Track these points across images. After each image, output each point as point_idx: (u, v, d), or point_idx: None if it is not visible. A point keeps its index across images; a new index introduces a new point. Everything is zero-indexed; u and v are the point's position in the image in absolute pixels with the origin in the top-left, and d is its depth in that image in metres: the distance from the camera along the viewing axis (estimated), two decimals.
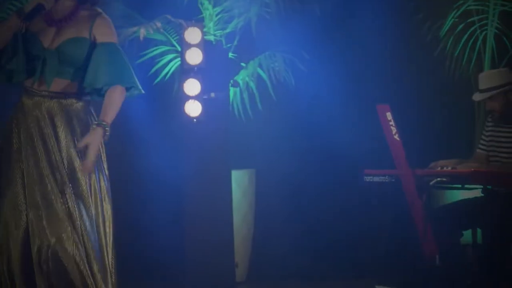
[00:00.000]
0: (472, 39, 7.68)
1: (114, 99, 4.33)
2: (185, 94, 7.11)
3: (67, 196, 4.21)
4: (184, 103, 7.12)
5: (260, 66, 7.77)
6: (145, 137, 7.56)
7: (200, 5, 7.76)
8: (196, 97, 7.10)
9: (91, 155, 4.24)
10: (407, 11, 7.83)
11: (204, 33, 7.24)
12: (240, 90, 7.74)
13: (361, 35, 7.73)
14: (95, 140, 4.25)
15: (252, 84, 7.77)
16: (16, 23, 4.23)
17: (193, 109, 7.08)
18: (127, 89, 4.47)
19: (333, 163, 7.73)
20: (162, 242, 7.30)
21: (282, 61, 7.75)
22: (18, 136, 4.30)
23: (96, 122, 4.29)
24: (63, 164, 4.25)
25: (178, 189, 7.25)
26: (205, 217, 7.08)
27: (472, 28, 7.68)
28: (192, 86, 7.10)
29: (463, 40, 7.70)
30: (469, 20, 7.68)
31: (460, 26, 7.70)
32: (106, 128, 4.29)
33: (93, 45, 4.31)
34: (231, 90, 7.59)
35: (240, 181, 7.50)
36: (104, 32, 4.33)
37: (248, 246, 7.65)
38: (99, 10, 4.45)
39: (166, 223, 7.33)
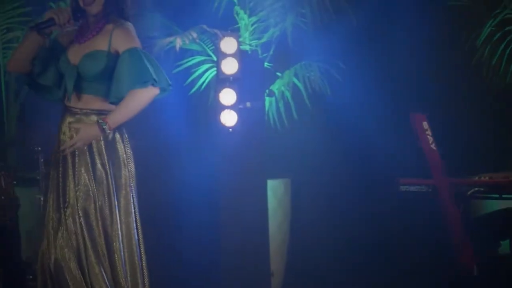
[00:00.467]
0: (510, 48, 7.62)
1: (125, 102, 4.27)
2: (220, 103, 7.13)
3: (91, 211, 4.22)
4: (220, 113, 7.14)
5: (296, 75, 7.77)
6: (181, 147, 7.58)
7: (235, 15, 7.79)
8: (231, 107, 7.11)
9: (75, 140, 4.23)
10: (443, 20, 7.78)
11: (239, 43, 7.25)
12: (276, 99, 7.75)
13: (397, 44, 7.69)
14: (85, 132, 4.24)
15: (287, 94, 7.78)
16: (33, 35, 4.25)
17: (228, 118, 7.10)
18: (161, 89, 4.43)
19: (368, 172, 7.70)
20: (198, 251, 7.32)
21: (318, 70, 7.75)
22: (58, 147, 4.36)
23: (97, 119, 4.28)
24: (83, 180, 4.26)
25: (214, 199, 7.27)
26: (240, 226, 7.08)
27: (510, 37, 7.61)
28: (227, 96, 7.12)
29: (500, 49, 7.63)
30: (506, 29, 7.62)
31: (498, 35, 7.64)
32: (104, 127, 4.26)
33: (115, 57, 4.30)
34: (267, 99, 7.60)
35: (275, 191, 7.50)
36: (122, 40, 4.32)
37: (284, 255, 7.64)
38: (121, 21, 4.44)
39: (201, 232, 7.35)
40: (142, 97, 4.30)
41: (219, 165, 7.23)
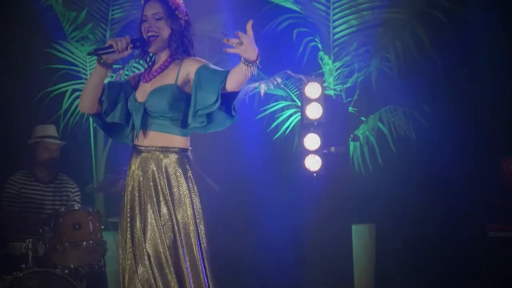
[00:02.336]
0: None
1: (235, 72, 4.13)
2: (305, 148, 7.14)
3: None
4: (304, 158, 7.15)
5: (381, 120, 7.73)
6: (265, 192, 7.61)
7: (320, 61, 7.82)
8: (316, 152, 7.12)
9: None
10: None
11: (324, 88, 7.28)
12: (360, 144, 7.72)
13: (484, 86, 7.59)
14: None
15: (372, 138, 7.74)
16: (96, 69, 4.33)
17: (313, 163, 7.10)
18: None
19: (455, 217, 7.56)
20: None
21: (403, 114, 7.70)
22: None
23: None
24: (149, 219, 4.28)
25: (299, 244, 7.25)
26: (325, 271, 7.04)
27: None
28: (312, 141, 7.13)
29: None
30: None
31: None
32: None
33: (181, 91, 4.29)
34: (351, 144, 7.58)
35: (360, 236, 7.45)
36: (194, 62, 4.30)
37: None
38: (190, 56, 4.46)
39: (286, 278, 7.33)
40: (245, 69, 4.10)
41: (304, 210, 7.22)
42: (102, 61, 4.29)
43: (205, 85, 4.18)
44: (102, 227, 6.44)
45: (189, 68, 4.28)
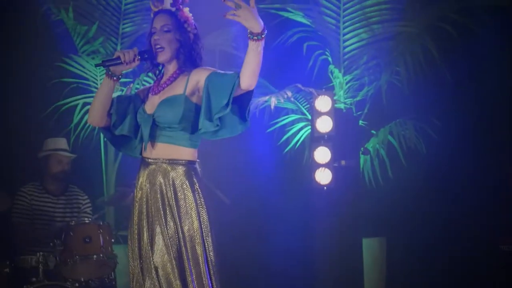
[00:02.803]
0: None
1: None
2: (315, 162, 7.14)
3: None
4: (315, 171, 7.14)
5: (391, 133, 7.73)
6: (275, 205, 7.60)
7: (330, 74, 7.83)
8: (326, 165, 7.11)
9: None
10: None
11: (334, 101, 7.29)
12: (371, 157, 7.71)
13: (494, 100, 7.58)
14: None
15: (382, 152, 7.74)
16: (104, 81, 4.35)
17: (323, 176, 7.09)
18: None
19: (467, 231, 7.53)
20: None
21: (413, 128, 7.70)
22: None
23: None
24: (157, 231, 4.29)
25: (309, 257, 7.24)
26: (336, 284, 7.02)
27: None
28: (322, 154, 7.13)
29: None
30: None
31: None
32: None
33: (190, 102, 4.28)
34: (362, 157, 7.57)
35: (370, 249, 7.43)
36: (201, 73, 4.29)
37: None
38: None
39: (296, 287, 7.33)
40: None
41: (314, 223, 7.21)
42: (110, 72, 4.32)
43: (218, 87, 4.18)
44: (113, 240, 6.44)
45: (198, 77, 4.29)
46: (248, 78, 4.11)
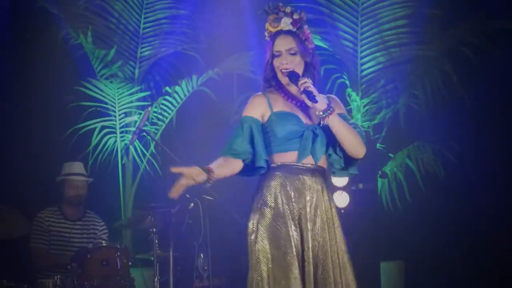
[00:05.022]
0: None
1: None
2: (333, 185, 7.11)
3: None
4: (332, 194, 7.10)
5: (409, 157, 7.71)
6: None
7: (347, 97, 7.83)
8: (344, 188, 7.09)
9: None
10: None
11: None
12: (388, 180, 7.69)
13: None
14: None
15: (400, 175, 7.71)
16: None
17: (341, 200, 7.07)
18: None
19: (486, 257, 7.47)
20: None
21: (431, 152, 7.68)
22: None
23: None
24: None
25: None
26: None
27: None
28: (340, 178, 7.10)
29: None
30: None
31: None
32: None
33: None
34: (379, 181, 7.54)
35: (389, 273, 7.38)
36: (338, 106, 4.30)
37: None
38: None
39: None
40: None
41: None
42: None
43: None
44: (130, 263, 6.44)
45: (338, 108, 4.27)
46: (351, 151, 4.29)
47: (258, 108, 4.26)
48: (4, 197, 6.74)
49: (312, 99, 4.09)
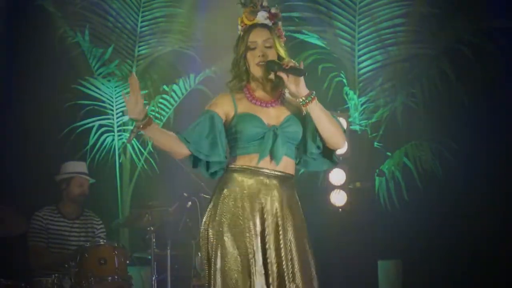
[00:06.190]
0: None
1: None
2: (330, 183, 7.12)
3: None
4: (330, 193, 7.13)
5: (406, 155, 7.71)
6: None
7: (345, 96, 7.84)
8: (341, 187, 7.10)
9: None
10: None
11: (349, 123, 7.28)
12: (386, 179, 7.69)
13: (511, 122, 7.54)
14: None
15: (398, 174, 7.72)
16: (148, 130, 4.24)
17: (338, 198, 7.08)
18: None
19: (483, 254, 7.48)
20: None
21: (429, 150, 7.68)
22: None
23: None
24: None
25: (325, 278, 7.18)
26: None
27: None
28: (337, 176, 7.12)
29: None
30: None
31: None
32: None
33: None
34: (377, 179, 7.55)
35: (386, 272, 7.39)
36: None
37: None
38: None
39: None
40: None
41: (329, 246, 7.18)
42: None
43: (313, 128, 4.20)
44: (128, 262, 6.44)
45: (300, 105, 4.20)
46: (331, 141, 4.15)
47: (224, 106, 4.21)
48: (2, 196, 6.74)
49: (301, 72, 4.04)
